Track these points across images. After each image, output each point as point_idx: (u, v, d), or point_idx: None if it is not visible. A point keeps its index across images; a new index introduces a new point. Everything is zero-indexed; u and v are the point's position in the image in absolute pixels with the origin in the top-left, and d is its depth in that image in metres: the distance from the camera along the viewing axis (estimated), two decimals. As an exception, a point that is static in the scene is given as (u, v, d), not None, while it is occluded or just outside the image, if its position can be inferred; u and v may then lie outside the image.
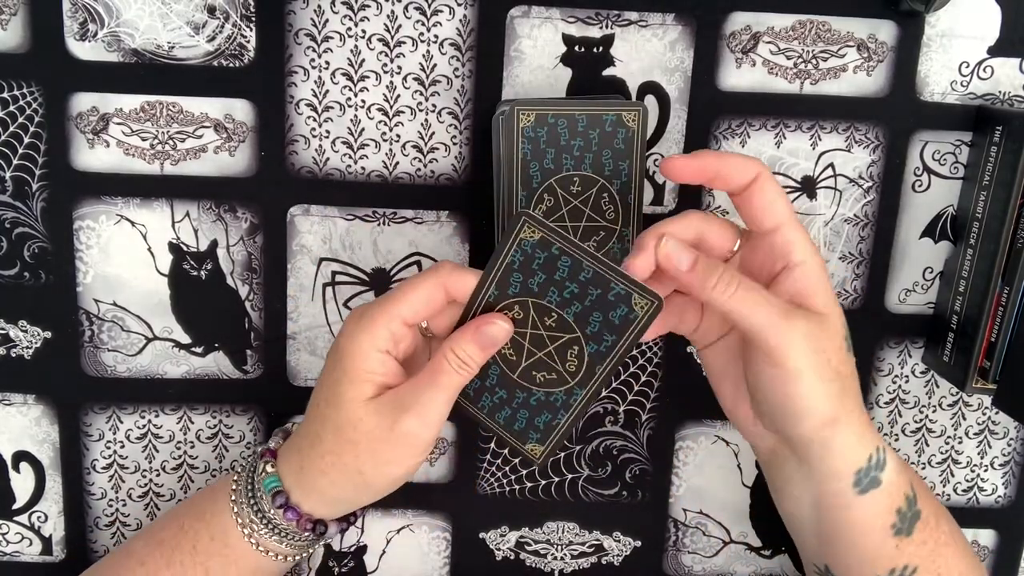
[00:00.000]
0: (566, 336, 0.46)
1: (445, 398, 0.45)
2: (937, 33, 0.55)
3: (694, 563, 0.64)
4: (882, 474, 0.47)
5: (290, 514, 0.48)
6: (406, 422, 0.45)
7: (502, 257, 0.45)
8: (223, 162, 0.55)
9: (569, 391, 0.48)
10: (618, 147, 0.51)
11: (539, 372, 0.47)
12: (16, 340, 0.57)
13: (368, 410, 0.45)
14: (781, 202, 0.45)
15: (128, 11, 0.53)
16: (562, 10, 0.54)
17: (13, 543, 0.61)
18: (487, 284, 0.46)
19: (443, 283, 0.45)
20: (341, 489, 0.48)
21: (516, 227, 0.44)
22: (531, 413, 0.48)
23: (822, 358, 0.44)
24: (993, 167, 0.55)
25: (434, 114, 0.55)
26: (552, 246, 0.44)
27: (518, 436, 0.49)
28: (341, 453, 0.46)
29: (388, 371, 0.46)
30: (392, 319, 0.45)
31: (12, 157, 0.54)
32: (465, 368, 0.45)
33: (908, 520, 0.49)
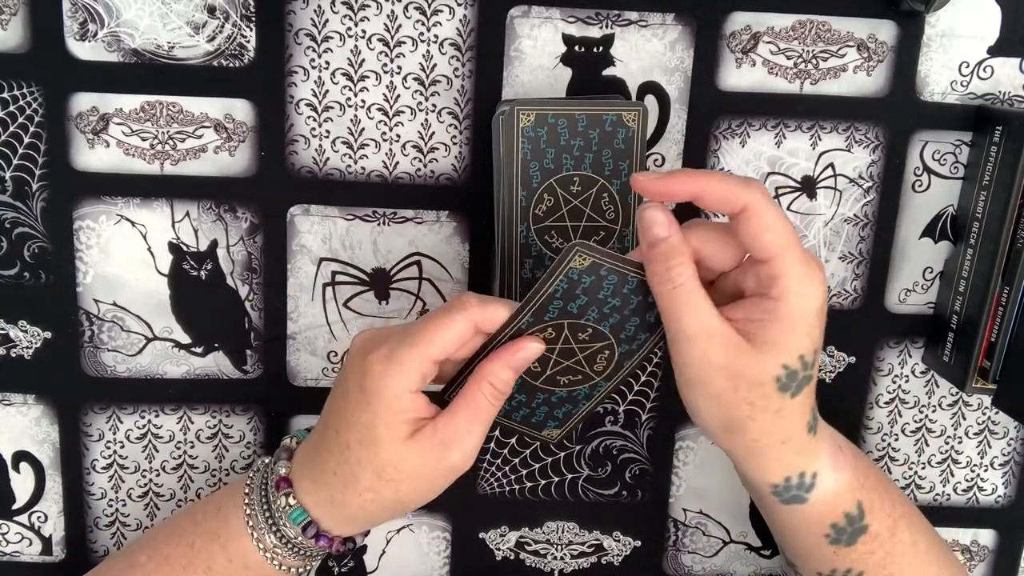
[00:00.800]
0: (599, 344, 0.46)
1: (482, 428, 0.46)
2: (937, 33, 0.55)
3: (694, 563, 0.64)
4: (808, 494, 0.47)
5: (323, 541, 0.48)
6: (450, 458, 0.45)
7: (546, 287, 0.44)
8: (223, 162, 0.55)
9: (593, 386, 0.48)
10: (618, 147, 0.51)
11: (563, 376, 0.47)
12: (16, 340, 0.57)
13: (409, 451, 0.45)
14: (769, 237, 0.42)
15: (128, 11, 0.53)
16: (562, 10, 0.54)
17: (13, 543, 0.61)
18: (523, 314, 0.45)
19: (473, 320, 0.44)
20: (378, 516, 0.48)
21: (567, 259, 0.43)
22: (550, 408, 0.49)
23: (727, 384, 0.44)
24: (993, 167, 0.54)
25: (434, 114, 0.55)
26: (601, 268, 0.44)
27: (535, 427, 0.50)
28: (381, 490, 0.46)
29: (419, 407, 0.45)
30: (423, 361, 0.44)
31: (12, 157, 0.54)
32: (500, 396, 0.46)
33: (848, 534, 0.49)
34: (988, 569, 0.65)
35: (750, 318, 0.44)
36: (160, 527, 0.53)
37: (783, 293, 0.43)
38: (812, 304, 0.43)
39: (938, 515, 0.64)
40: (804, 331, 0.43)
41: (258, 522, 0.48)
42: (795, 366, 0.44)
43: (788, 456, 0.46)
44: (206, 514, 0.51)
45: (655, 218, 0.43)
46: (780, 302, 0.43)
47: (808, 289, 0.43)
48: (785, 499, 0.48)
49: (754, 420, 0.45)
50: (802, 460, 0.47)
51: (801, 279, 0.43)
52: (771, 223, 0.42)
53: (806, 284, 0.43)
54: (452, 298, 0.46)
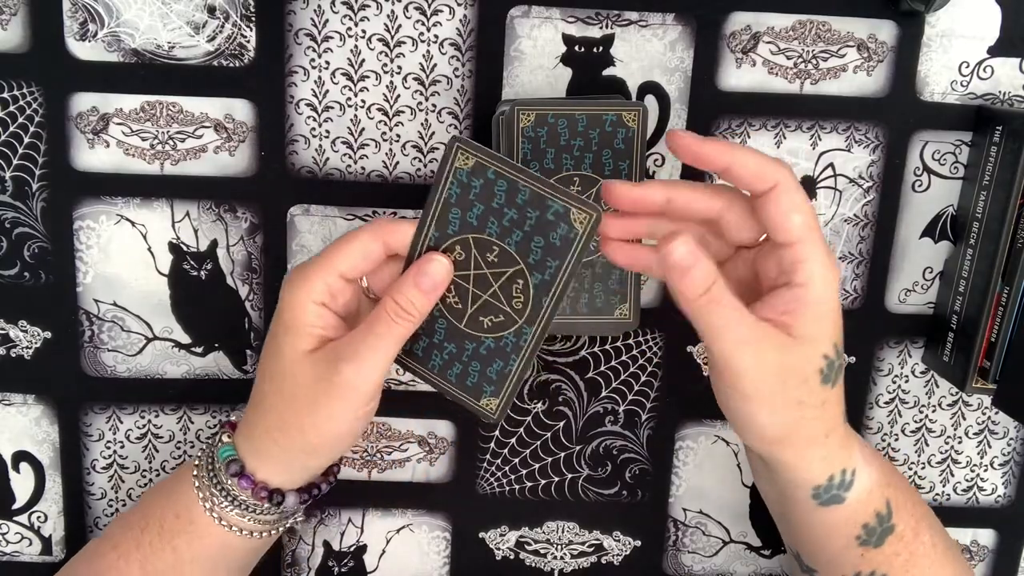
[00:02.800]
0: (510, 270, 0.45)
1: (384, 347, 0.44)
2: (937, 33, 0.55)
3: (694, 563, 0.64)
4: (847, 493, 0.47)
5: (244, 482, 0.47)
6: (342, 370, 0.44)
7: (439, 193, 0.44)
8: (223, 162, 0.55)
9: (518, 331, 0.46)
10: (618, 147, 0.51)
11: (486, 317, 0.46)
12: (16, 340, 0.57)
13: (305, 362, 0.45)
14: (797, 219, 0.42)
15: (128, 11, 0.53)
16: (562, 10, 0.54)
17: (13, 543, 0.61)
18: (427, 226, 0.45)
19: (380, 235, 0.44)
20: (288, 451, 0.47)
21: (450, 156, 0.43)
22: (482, 364, 0.47)
23: (778, 384, 0.43)
24: (993, 167, 0.55)
25: (434, 114, 0.55)
26: (487, 170, 0.43)
27: (472, 392, 0.48)
28: (282, 411, 0.46)
29: (327, 324, 0.45)
30: (328, 272, 0.44)
31: (12, 157, 0.54)
32: (406, 316, 0.44)
33: (877, 534, 0.49)
34: (988, 569, 0.65)
35: (781, 312, 0.43)
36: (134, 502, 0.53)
37: (809, 279, 0.42)
38: (834, 289, 0.43)
39: (938, 515, 0.63)
40: (832, 318, 0.44)
41: (202, 471, 0.48)
42: (833, 355, 0.44)
43: (832, 451, 0.46)
44: (168, 478, 0.51)
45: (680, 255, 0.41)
46: (806, 288, 0.43)
47: (830, 274, 0.43)
48: (824, 500, 0.47)
49: (805, 418, 0.45)
50: (843, 455, 0.47)
51: (824, 264, 0.43)
52: (800, 204, 0.42)
53: (828, 269, 0.43)
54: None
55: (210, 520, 0.48)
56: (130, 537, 0.50)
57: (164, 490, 0.51)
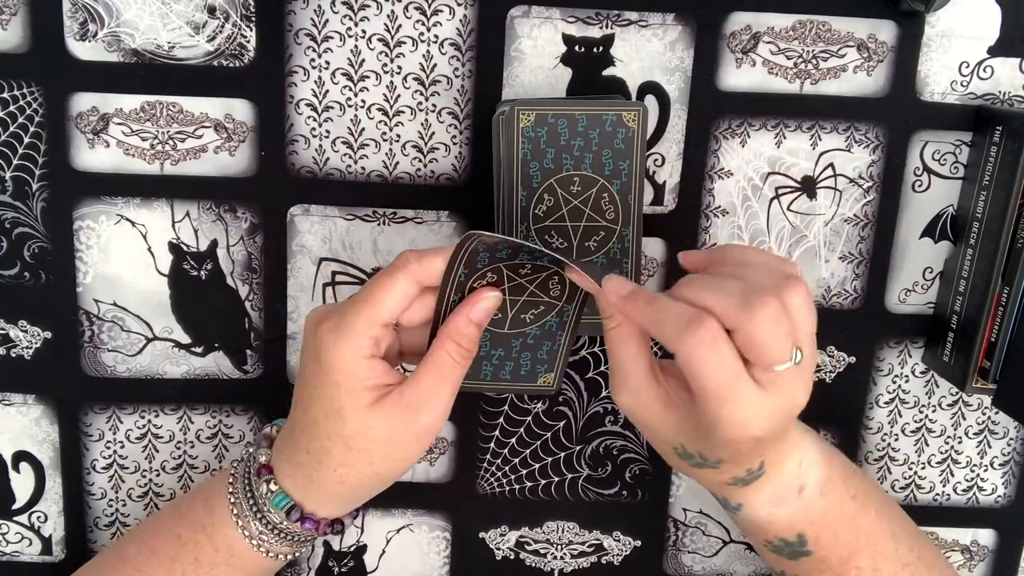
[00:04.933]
0: (544, 273, 0.47)
1: (451, 389, 0.46)
2: (937, 33, 0.55)
3: (694, 563, 0.64)
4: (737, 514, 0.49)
5: (308, 524, 0.48)
6: (419, 421, 0.45)
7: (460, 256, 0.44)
8: (223, 162, 0.55)
9: (560, 312, 0.48)
10: (618, 147, 0.51)
11: (526, 313, 0.48)
12: (16, 340, 0.57)
13: (376, 418, 0.45)
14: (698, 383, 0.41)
15: (128, 11, 0.53)
16: (562, 10, 0.54)
17: (13, 543, 0.61)
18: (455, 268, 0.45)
19: (414, 276, 0.44)
20: (358, 492, 0.48)
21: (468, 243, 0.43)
22: (532, 352, 0.49)
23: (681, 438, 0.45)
24: (993, 167, 0.55)
25: (434, 114, 0.55)
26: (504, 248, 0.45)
27: (528, 379, 0.50)
28: (355, 463, 0.46)
29: (378, 374, 0.45)
30: (372, 325, 0.44)
31: (12, 157, 0.54)
32: (466, 354, 0.45)
33: (787, 552, 0.49)
34: (988, 569, 0.65)
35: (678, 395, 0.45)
36: (148, 521, 0.53)
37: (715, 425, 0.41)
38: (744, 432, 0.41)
39: (938, 515, 0.64)
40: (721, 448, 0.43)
41: (243, 510, 0.48)
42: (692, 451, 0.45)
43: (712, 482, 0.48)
44: (192, 506, 0.51)
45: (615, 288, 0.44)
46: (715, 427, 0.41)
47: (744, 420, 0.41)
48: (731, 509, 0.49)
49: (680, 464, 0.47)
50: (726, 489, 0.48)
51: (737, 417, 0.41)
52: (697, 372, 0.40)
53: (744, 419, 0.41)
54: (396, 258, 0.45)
55: (258, 555, 0.49)
56: (156, 563, 0.50)
57: (194, 523, 0.50)
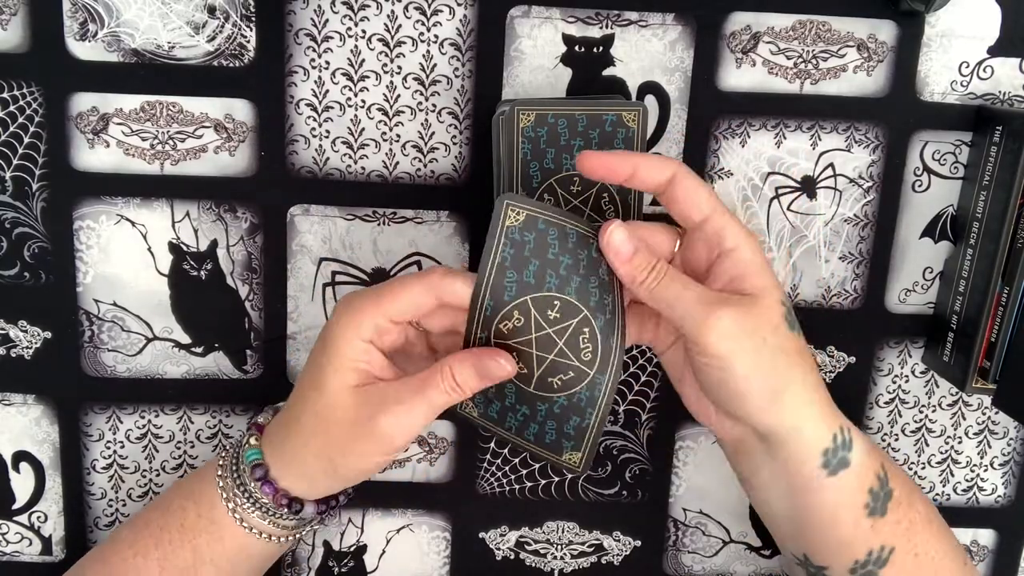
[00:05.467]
0: (574, 321, 0.46)
1: (427, 410, 0.45)
2: (937, 33, 0.55)
3: (694, 563, 0.64)
4: (850, 454, 0.47)
5: (266, 487, 0.48)
6: (382, 420, 0.45)
7: (493, 256, 0.45)
8: (223, 162, 0.55)
9: (591, 384, 0.47)
10: (618, 147, 0.51)
11: (554, 377, 0.47)
12: (16, 340, 0.57)
13: (350, 399, 0.45)
14: (704, 194, 0.46)
15: (128, 11, 0.53)
16: (562, 10, 0.54)
17: (13, 543, 0.61)
18: (483, 293, 0.45)
19: (435, 290, 0.45)
20: (312, 471, 0.48)
21: (501, 215, 0.44)
22: (558, 422, 0.48)
23: (755, 340, 0.44)
24: (993, 167, 0.55)
25: (434, 114, 0.55)
26: (538, 222, 0.44)
27: (552, 448, 0.48)
28: (317, 440, 0.46)
29: (372, 360, 0.46)
30: (378, 314, 0.45)
31: (12, 157, 0.54)
32: (456, 391, 0.45)
33: (881, 500, 0.48)
34: (988, 569, 0.65)
35: (729, 278, 0.46)
36: (148, 503, 0.54)
37: (736, 242, 0.45)
38: (757, 243, 0.46)
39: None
40: (768, 269, 0.46)
41: (226, 471, 0.49)
42: (786, 301, 0.46)
43: (825, 409, 0.47)
44: (188, 477, 0.52)
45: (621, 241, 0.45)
46: (737, 249, 0.45)
47: (748, 232, 0.46)
48: (834, 466, 0.47)
49: (791, 366, 0.46)
50: (836, 411, 0.48)
51: (739, 226, 0.46)
52: (699, 183, 0.46)
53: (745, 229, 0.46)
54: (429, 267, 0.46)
55: (232, 521, 0.48)
56: (148, 535, 0.50)
57: (186, 489, 0.51)
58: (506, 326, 0.46)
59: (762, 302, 0.45)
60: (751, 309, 0.45)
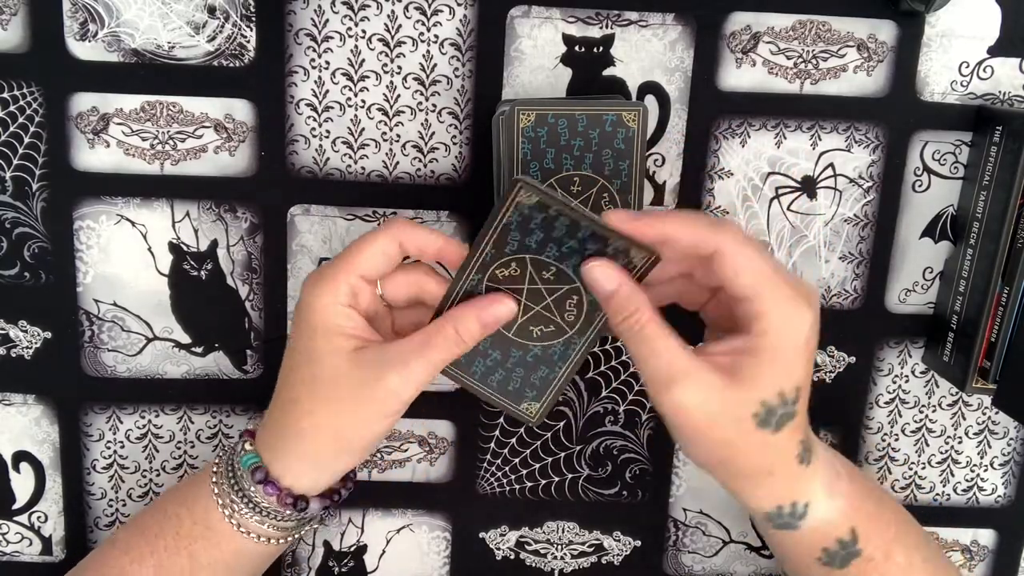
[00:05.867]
0: (565, 287, 0.46)
1: (432, 366, 0.45)
2: (937, 33, 0.55)
3: (694, 563, 0.64)
4: (800, 522, 0.47)
5: (269, 488, 0.47)
6: (388, 379, 0.44)
7: (498, 219, 0.44)
8: (223, 162, 0.55)
9: (567, 341, 0.47)
10: (618, 147, 0.51)
11: (536, 327, 0.47)
12: (16, 340, 0.57)
13: (348, 367, 0.45)
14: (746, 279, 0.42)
15: (128, 11, 0.53)
16: (562, 10, 0.54)
17: (13, 543, 0.61)
18: (484, 243, 0.45)
19: (396, 235, 0.45)
20: (318, 454, 0.47)
21: (513, 193, 0.43)
22: (527, 371, 0.48)
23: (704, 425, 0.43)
24: (993, 167, 0.55)
25: (434, 114, 0.55)
26: (549, 208, 0.44)
27: (512, 397, 0.49)
28: (319, 412, 0.46)
29: (356, 325, 0.46)
30: (350, 274, 0.45)
31: (12, 157, 0.54)
32: (461, 343, 0.45)
33: (840, 558, 0.48)
34: (988, 569, 0.65)
35: (733, 352, 0.43)
36: (145, 507, 0.54)
37: (766, 329, 0.42)
38: (798, 338, 0.42)
39: (938, 515, 0.64)
40: (787, 366, 0.43)
41: (221, 478, 0.49)
42: (774, 402, 0.43)
43: (777, 487, 0.46)
44: (183, 483, 0.52)
45: (600, 275, 0.44)
46: (763, 338, 0.42)
47: (794, 322, 0.42)
48: (777, 524, 0.47)
49: (737, 456, 0.45)
50: (793, 490, 0.46)
51: (785, 313, 0.42)
52: (745, 265, 0.42)
53: (791, 318, 0.42)
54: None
55: (228, 527, 0.48)
56: (143, 542, 0.50)
57: (180, 496, 0.51)
58: (502, 272, 0.46)
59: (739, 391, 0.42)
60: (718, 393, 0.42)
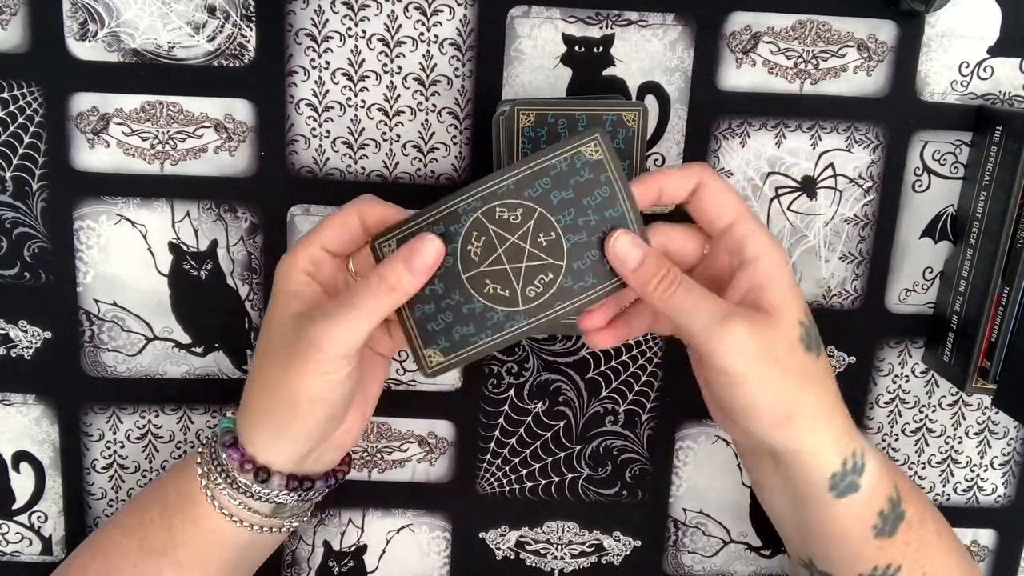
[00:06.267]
0: (548, 260, 0.45)
1: (358, 315, 0.44)
2: (937, 33, 0.55)
3: (694, 563, 0.64)
4: (860, 478, 0.47)
5: (233, 452, 0.47)
6: (309, 329, 0.44)
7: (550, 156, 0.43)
8: (223, 162, 0.55)
9: (511, 315, 0.45)
10: (618, 147, 0.51)
11: (494, 283, 0.45)
12: (16, 340, 0.57)
13: (290, 323, 0.46)
14: (729, 199, 0.45)
15: (128, 11, 0.53)
16: (562, 10, 0.54)
17: (13, 543, 0.61)
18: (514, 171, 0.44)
19: (358, 209, 0.46)
20: (265, 413, 0.47)
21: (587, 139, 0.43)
22: (455, 320, 0.46)
23: (767, 359, 0.43)
24: (993, 167, 0.55)
25: (434, 114, 0.55)
26: (604, 172, 0.43)
27: (423, 336, 0.46)
28: (265, 370, 0.47)
29: (311, 291, 0.46)
30: (311, 244, 0.46)
31: (12, 157, 0.54)
32: (388, 291, 0.44)
33: (890, 522, 0.48)
34: (988, 569, 0.65)
35: (746, 291, 0.45)
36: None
37: (757, 251, 0.45)
38: (782, 255, 0.46)
39: (938, 515, 0.64)
40: (791, 283, 0.45)
41: (206, 451, 0.49)
42: (806, 320, 0.45)
43: (839, 432, 0.46)
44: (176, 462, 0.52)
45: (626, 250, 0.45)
46: (759, 261, 0.45)
47: (776, 247, 0.45)
48: (841, 490, 0.47)
49: (803, 391, 0.45)
50: (852, 435, 0.47)
51: (764, 235, 0.45)
52: (724, 188, 0.46)
53: (769, 243, 0.45)
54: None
55: (205, 499, 0.48)
56: (134, 512, 0.51)
57: (174, 470, 0.51)
58: (502, 213, 0.45)
59: (779, 320, 0.44)
60: (765, 326, 0.44)
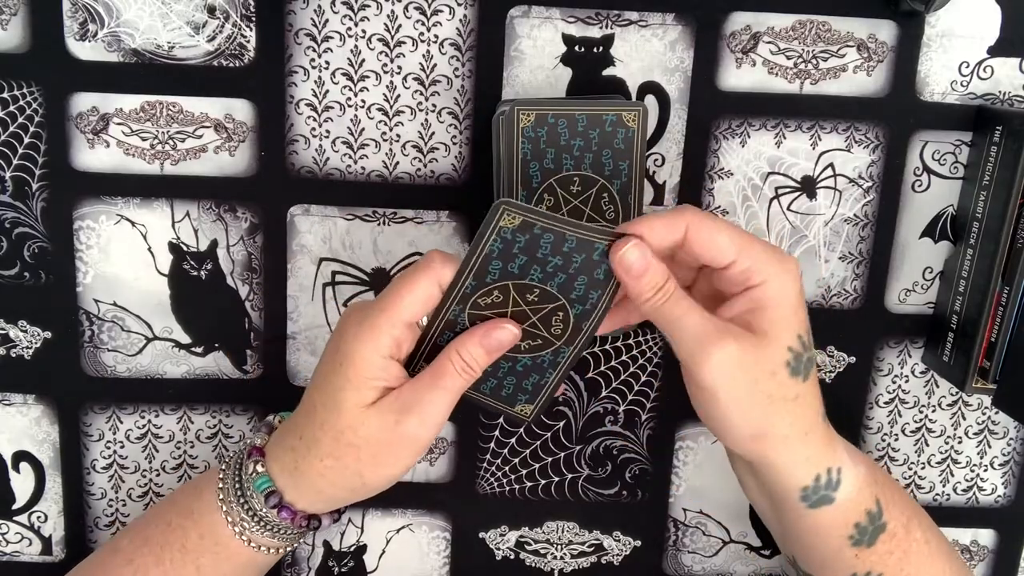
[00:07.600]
0: (550, 305, 0.46)
1: (447, 400, 0.45)
2: (937, 33, 0.55)
3: (694, 563, 0.64)
4: (835, 493, 0.47)
5: (284, 513, 0.48)
6: (407, 423, 0.45)
7: (480, 249, 0.44)
8: (223, 162, 0.55)
9: (556, 351, 0.47)
10: (618, 147, 0.51)
11: (523, 341, 0.47)
12: (16, 340, 0.57)
13: (369, 415, 0.45)
14: (722, 239, 0.44)
15: (128, 11, 0.53)
16: (562, 10, 0.54)
17: (13, 543, 0.61)
18: (464, 277, 0.45)
19: (436, 277, 0.45)
20: (339, 490, 0.48)
21: (495, 217, 0.43)
22: (518, 379, 0.48)
23: (746, 380, 0.44)
24: (993, 167, 0.55)
25: (434, 114, 0.55)
26: (534, 227, 0.44)
27: (506, 401, 0.49)
28: (341, 456, 0.46)
29: (391, 375, 0.45)
30: (395, 324, 0.44)
31: (12, 157, 0.54)
32: (469, 371, 0.46)
33: (869, 533, 0.49)
34: (988, 569, 0.65)
35: (742, 311, 0.45)
36: (146, 511, 0.54)
37: (764, 277, 0.44)
38: (792, 285, 0.45)
39: (938, 515, 0.63)
40: (793, 309, 0.45)
41: (228, 495, 0.48)
42: (798, 348, 0.45)
43: (815, 450, 0.47)
44: (185, 492, 0.51)
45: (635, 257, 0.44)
46: (767, 284, 0.44)
47: (782, 271, 0.44)
48: (813, 502, 0.47)
49: (777, 413, 0.45)
50: (827, 453, 0.47)
51: (769, 259, 0.44)
52: (715, 228, 0.44)
53: (778, 267, 0.44)
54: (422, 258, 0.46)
55: (239, 543, 0.48)
56: (147, 553, 0.50)
57: (183, 507, 0.50)
58: (484, 300, 0.46)
59: (768, 343, 0.44)
60: (751, 348, 0.44)
